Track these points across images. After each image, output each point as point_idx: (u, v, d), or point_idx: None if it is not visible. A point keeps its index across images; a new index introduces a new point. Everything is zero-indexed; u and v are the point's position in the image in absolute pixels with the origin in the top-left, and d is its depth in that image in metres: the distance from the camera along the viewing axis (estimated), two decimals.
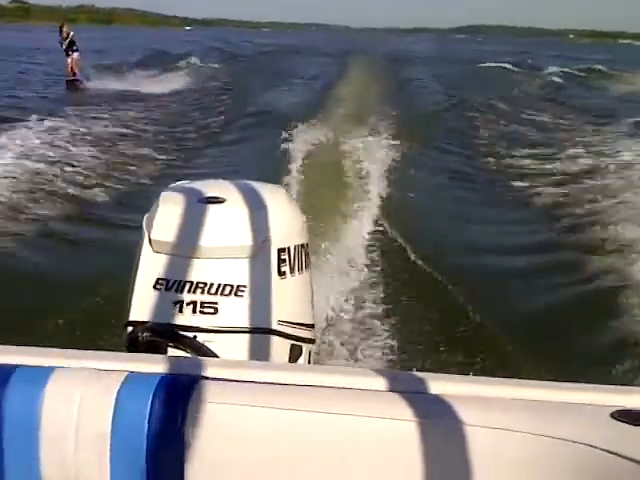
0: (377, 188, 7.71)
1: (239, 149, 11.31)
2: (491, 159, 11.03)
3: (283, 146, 9.55)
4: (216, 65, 26.91)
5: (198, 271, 1.67)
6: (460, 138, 12.83)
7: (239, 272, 1.68)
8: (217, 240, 1.68)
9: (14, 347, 1.21)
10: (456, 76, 23.97)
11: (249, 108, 15.09)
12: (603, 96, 20.77)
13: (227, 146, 11.75)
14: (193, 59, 27.74)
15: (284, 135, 10.17)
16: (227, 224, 1.70)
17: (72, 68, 19.98)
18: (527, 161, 10.77)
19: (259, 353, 1.67)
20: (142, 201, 5.78)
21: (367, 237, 6.37)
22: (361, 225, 6.58)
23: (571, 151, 11.23)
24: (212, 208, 1.70)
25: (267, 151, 9.94)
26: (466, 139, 12.79)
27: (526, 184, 9.27)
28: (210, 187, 1.81)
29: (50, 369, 1.13)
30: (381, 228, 6.65)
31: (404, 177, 8.78)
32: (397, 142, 10.47)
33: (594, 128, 13.84)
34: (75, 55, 20.13)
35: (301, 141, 9.81)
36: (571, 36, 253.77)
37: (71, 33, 20.18)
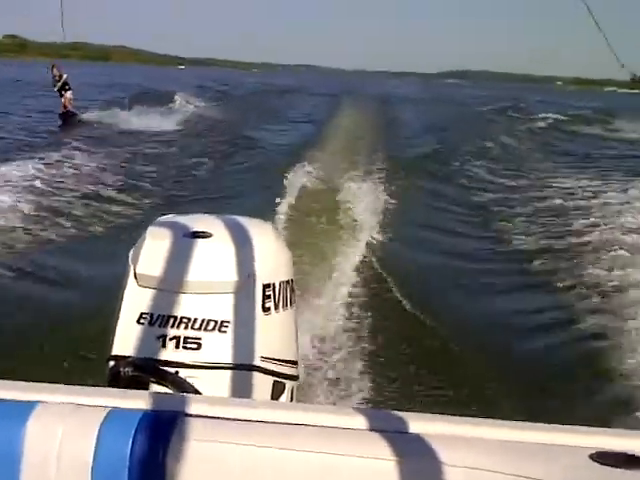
0: (367, 230, 7.84)
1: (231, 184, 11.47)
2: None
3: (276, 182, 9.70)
4: (207, 104, 27.16)
5: (182, 306, 1.66)
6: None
7: (223, 307, 1.67)
8: (202, 275, 1.67)
9: None
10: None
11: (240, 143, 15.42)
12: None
13: (218, 181, 11.93)
14: (185, 98, 27.78)
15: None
16: (213, 259, 1.69)
17: (65, 105, 20.63)
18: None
19: (241, 389, 1.66)
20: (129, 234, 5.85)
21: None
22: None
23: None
24: (198, 243, 1.70)
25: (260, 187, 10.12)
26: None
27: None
28: (196, 221, 1.81)
29: (32, 404, 1.12)
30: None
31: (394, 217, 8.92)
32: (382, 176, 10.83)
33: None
34: (68, 94, 20.83)
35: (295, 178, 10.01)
36: (559, 83, 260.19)
37: (64, 75, 20.75)
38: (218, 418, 1.12)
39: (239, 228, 1.79)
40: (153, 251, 1.71)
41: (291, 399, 1.85)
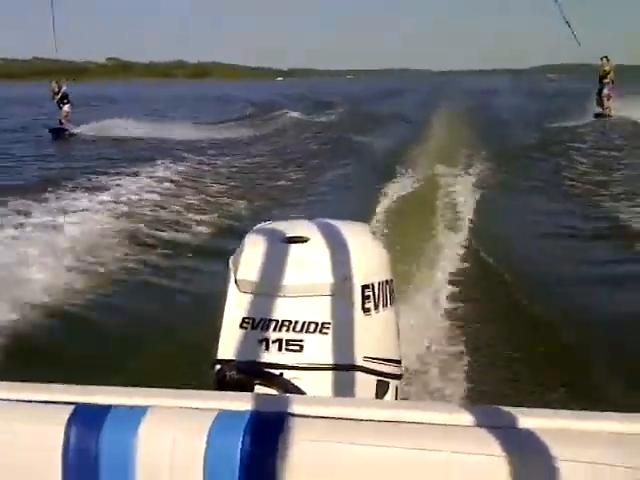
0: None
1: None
2: None
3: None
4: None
5: (283, 309, 1.68)
6: None
7: (323, 309, 1.68)
8: (301, 278, 1.69)
9: (108, 387, 1.25)
10: None
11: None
12: None
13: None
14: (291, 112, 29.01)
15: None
16: (310, 262, 1.71)
17: (61, 120, 21.82)
18: None
19: (345, 389, 1.66)
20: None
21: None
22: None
23: None
24: (295, 247, 1.72)
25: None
26: None
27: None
28: (293, 227, 1.84)
29: (143, 409, 1.16)
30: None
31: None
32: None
33: None
34: (66, 107, 22.00)
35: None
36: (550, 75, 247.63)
37: (63, 88, 22.05)
38: (323, 417, 1.13)
39: (335, 231, 1.80)
40: (252, 257, 1.74)
41: (395, 398, 1.84)
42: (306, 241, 1.74)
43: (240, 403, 1.17)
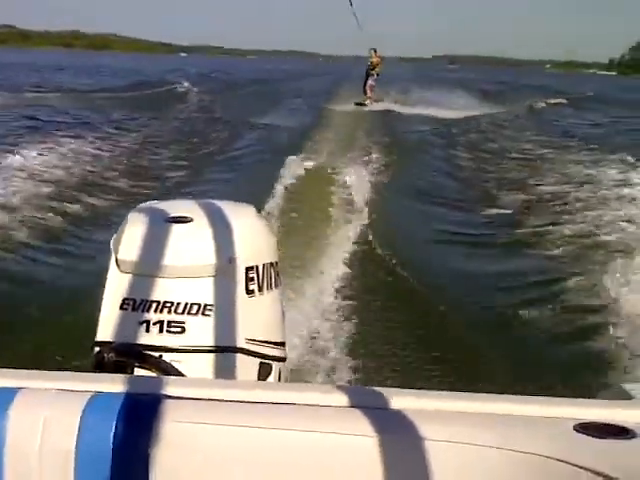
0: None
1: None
2: None
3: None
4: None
5: (165, 290, 1.66)
6: None
7: (206, 291, 1.67)
8: (183, 259, 1.67)
9: None
10: None
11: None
12: None
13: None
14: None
15: None
16: (193, 243, 1.69)
17: None
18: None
19: (227, 372, 1.66)
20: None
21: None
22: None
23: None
24: (178, 227, 1.70)
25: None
26: None
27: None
28: (177, 207, 1.81)
29: (14, 390, 1.12)
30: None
31: None
32: None
33: None
34: None
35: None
36: (547, 66, 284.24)
37: None
38: (202, 399, 1.12)
39: (220, 212, 1.79)
40: (134, 237, 1.70)
41: (279, 380, 1.85)
42: (190, 221, 1.72)
43: (117, 385, 1.15)
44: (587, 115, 24.41)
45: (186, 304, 1.65)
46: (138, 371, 1.58)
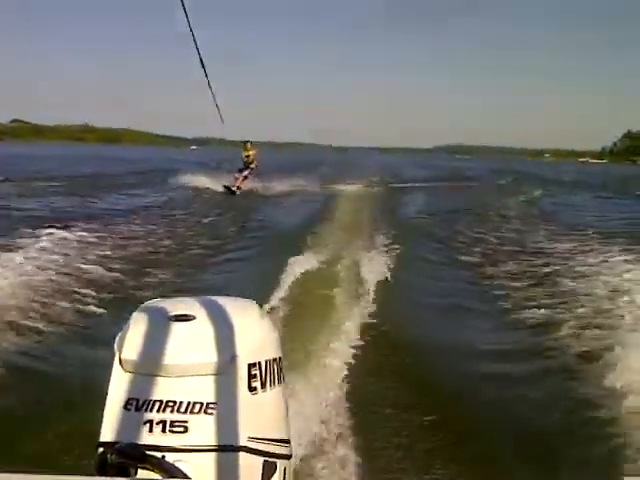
0: None
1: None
2: None
3: None
4: None
5: (167, 390, 1.66)
6: None
7: (208, 389, 1.67)
8: (185, 358, 1.68)
9: None
10: None
11: None
12: None
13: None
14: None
15: None
16: (195, 341, 1.70)
17: None
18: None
19: (230, 471, 1.64)
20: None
21: None
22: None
23: None
24: (180, 326, 1.72)
25: None
26: None
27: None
28: (179, 305, 1.83)
29: None
30: None
31: None
32: None
33: None
34: None
35: None
36: (547, 155, 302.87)
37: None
38: None
39: (221, 309, 1.81)
40: (137, 337, 1.72)
41: (284, 479, 1.83)
42: (192, 319, 1.74)
43: None
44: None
45: (189, 403, 1.66)
46: (141, 473, 1.57)
